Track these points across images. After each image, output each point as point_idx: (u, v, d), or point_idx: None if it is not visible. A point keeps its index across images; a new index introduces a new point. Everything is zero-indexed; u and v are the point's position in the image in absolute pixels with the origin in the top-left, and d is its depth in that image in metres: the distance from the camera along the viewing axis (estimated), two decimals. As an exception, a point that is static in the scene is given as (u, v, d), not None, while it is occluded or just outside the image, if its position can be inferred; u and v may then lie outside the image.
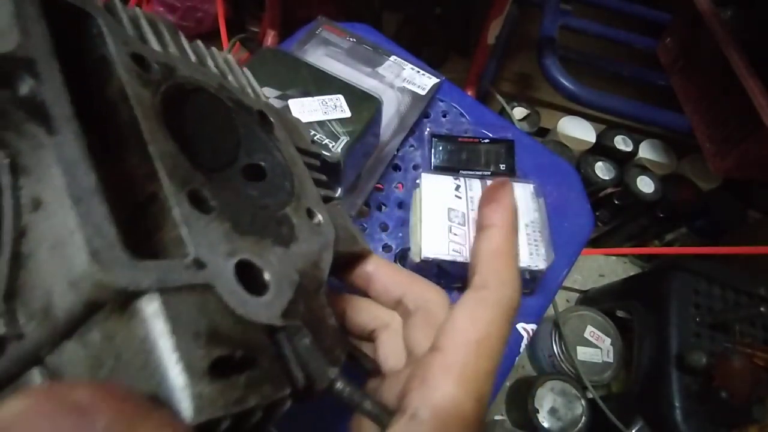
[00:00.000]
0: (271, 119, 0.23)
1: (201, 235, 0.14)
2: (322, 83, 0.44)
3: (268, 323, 0.15)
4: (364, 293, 0.23)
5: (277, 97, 0.42)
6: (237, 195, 0.18)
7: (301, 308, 0.17)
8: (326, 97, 0.43)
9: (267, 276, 0.16)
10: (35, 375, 0.13)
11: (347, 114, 0.42)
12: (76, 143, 0.13)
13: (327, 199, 0.23)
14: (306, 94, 0.43)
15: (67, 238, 0.12)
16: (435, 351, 0.17)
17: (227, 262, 0.15)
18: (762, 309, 0.75)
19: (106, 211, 0.12)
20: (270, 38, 1.08)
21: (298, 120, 0.28)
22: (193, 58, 0.22)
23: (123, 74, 0.15)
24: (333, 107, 0.43)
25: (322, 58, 0.54)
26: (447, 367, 0.16)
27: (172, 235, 0.14)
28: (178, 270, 0.13)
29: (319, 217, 0.21)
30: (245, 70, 0.27)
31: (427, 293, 0.21)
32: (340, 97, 0.43)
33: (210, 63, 0.23)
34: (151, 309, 0.12)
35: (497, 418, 0.96)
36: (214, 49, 0.25)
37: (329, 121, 0.42)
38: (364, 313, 0.23)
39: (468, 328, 0.17)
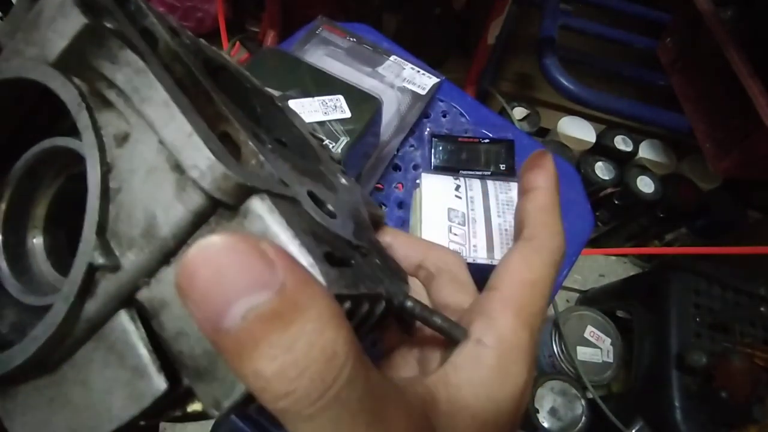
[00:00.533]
0: (281, 105, 0.24)
1: (275, 164, 0.15)
2: (322, 83, 0.44)
3: (347, 239, 0.16)
4: None
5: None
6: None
7: (363, 237, 0.18)
8: (326, 98, 0.43)
9: (330, 207, 0.17)
10: (123, 319, 0.13)
11: (347, 114, 0.42)
12: (164, 72, 0.14)
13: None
14: (306, 94, 0.43)
15: (184, 142, 0.12)
16: (492, 290, 0.18)
17: (301, 188, 0.15)
18: (762, 309, 0.75)
19: (205, 124, 0.13)
20: (270, 38, 1.08)
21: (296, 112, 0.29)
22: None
23: (169, 40, 0.16)
24: (333, 107, 0.43)
25: (322, 58, 0.54)
26: (505, 302, 0.18)
27: (253, 162, 0.14)
28: (272, 182, 0.14)
29: (344, 180, 0.22)
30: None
31: (445, 256, 0.23)
32: (340, 97, 0.43)
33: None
34: (267, 205, 0.13)
35: (497, 418, 0.95)
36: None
37: (329, 121, 0.42)
38: None
39: (522, 270, 0.18)
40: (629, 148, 1.12)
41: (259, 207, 0.13)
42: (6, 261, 0.16)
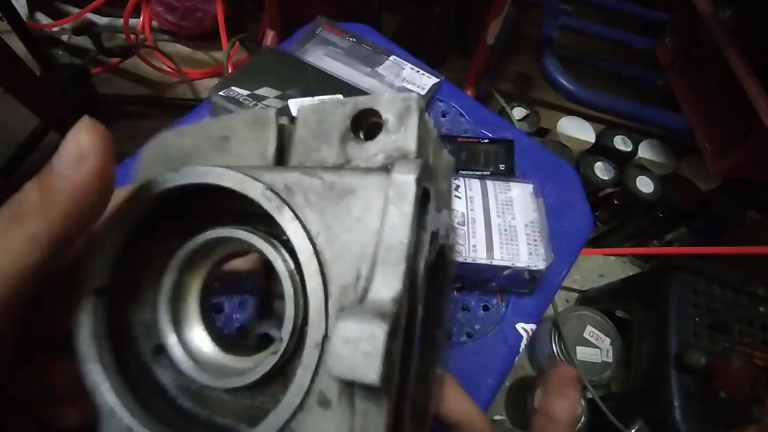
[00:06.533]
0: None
1: None
2: (322, 83, 0.44)
3: None
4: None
5: (277, 97, 0.42)
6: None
7: None
8: (326, 97, 0.43)
9: None
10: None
11: (347, 114, 0.42)
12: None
13: None
14: (306, 93, 0.43)
15: None
16: None
17: None
18: (761, 309, 0.75)
19: None
20: (270, 38, 1.08)
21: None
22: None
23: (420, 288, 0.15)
24: (333, 107, 0.43)
25: (322, 58, 0.54)
26: None
27: None
28: None
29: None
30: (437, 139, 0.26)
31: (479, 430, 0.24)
32: (340, 97, 0.43)
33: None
34: None
35: (497, 418, 0.95)
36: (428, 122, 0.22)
37: (329, 121, 0.42)
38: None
39: None
40: (629, 148, 1.12)
41: None
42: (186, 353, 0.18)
